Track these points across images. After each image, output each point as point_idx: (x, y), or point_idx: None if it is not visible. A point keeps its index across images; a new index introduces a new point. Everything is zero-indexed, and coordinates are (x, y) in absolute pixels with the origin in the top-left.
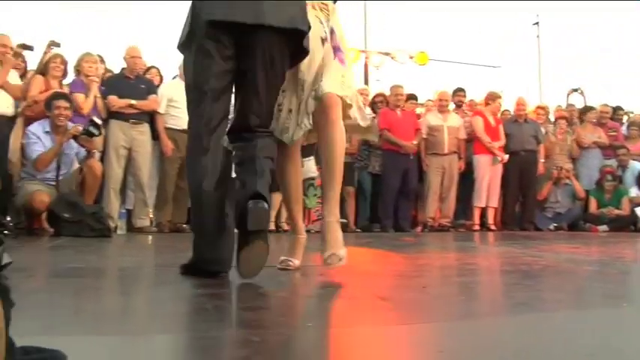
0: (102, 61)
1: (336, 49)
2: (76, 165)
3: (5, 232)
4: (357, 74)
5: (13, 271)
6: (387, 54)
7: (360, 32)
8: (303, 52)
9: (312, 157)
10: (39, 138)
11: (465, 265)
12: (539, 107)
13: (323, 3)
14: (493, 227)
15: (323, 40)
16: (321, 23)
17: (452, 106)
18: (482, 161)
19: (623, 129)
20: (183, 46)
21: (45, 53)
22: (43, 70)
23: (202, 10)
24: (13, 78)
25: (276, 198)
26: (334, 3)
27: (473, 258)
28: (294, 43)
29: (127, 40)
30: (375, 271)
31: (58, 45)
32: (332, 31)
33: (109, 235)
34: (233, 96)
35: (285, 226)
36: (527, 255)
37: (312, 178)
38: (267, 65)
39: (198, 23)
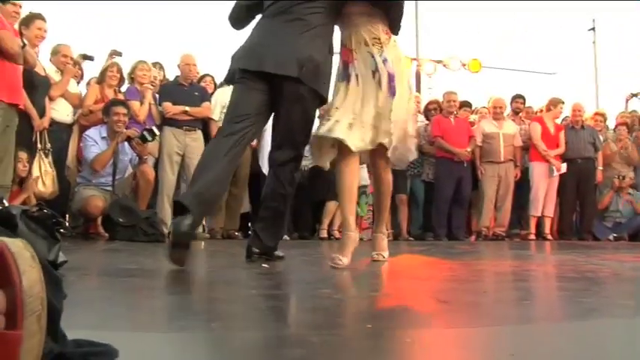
0: (161, 67)
1: (390, 77)
2: (130, 171)
3: (62, 230)
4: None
5: (67, 269)
6: (439, 62)
7: (412, 40)
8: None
9: (364, 165)
10: (95, 142)
11: (524, 271)
12: (597, 114)
13: (374, 38)
14: (549, 237)
15: (373, 73)
16: (372, 57)
17: (508, 112)
18: (538, 169)
19: None
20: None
21: (107, 62)
22: (100, 78)
23: (234, 58)
24: (72, 86)
25: (331, 206)
26: (391, 37)
27: (531, 265)
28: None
29: (183, 48)
30: (431, 275)
31: (119, 54)
32: (385, 60)
33: (163, 240)
34: None
35: (337, 234)
36: (589, 263)
37: (365, 186)
38: (286, 104)
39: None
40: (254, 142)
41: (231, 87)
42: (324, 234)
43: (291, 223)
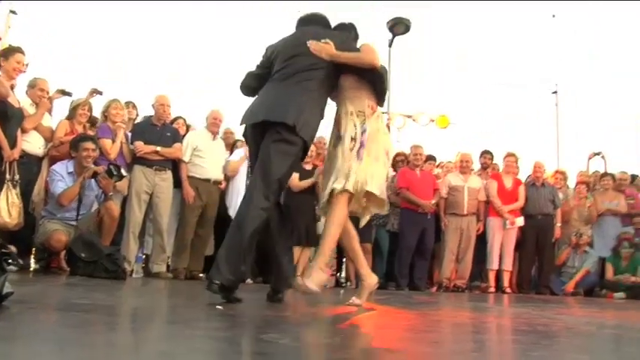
0: (134, 107)
1: (361, 144)
2: (96, 206)
3: (10, 261)
4: None
5: (14, 301)
6: (408, 116)
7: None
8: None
9: None
10: (62, 177)
11: (479, 323)
12: (557, 172)
13: (359, 111)
14: (508, 290)
15: (352, 139)
16: (355, 126)
17: (478, 167)
18: (494, 223)
19: None
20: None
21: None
22: (71, 115)
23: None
24: (46, 120)
25: (295, 251)
26: (375, 111)
27: (487, 317)
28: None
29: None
30: (387, 324)
31: (100, 93)
32: (364, 131)
33: (123, 277)
34: None
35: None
36: (543, 316)
37: None
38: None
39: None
40: (222, 185)
41: (202, 130)
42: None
43: (256, 267)
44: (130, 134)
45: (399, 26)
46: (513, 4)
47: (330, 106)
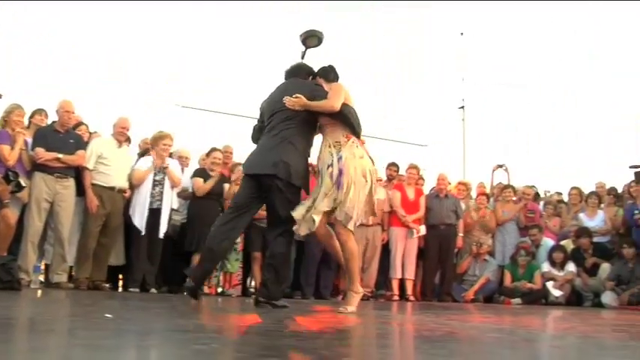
0: (46, 115)
1: (339, 172)
2: None
3: None
4: None
5: None
6: None
7: None
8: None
9: None
10: None
11: (372, 330)
12: (460, 183)
13: (336, 141)
14: (412, 298)
15: (328, 166)
16: (331, 155)
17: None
18: (396, 233)
19: (541, 205)
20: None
21: None
22: None
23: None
24: None
25: (197, 259)
26: (350, 139)
27: (376, 323)
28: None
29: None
30: (273, 330)
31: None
32: (340, 158)
33: (18, 288)
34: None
35: (206, 289)
36: (434, 322)
37: (235, 243)
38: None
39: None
40: (127, 193)
41: (108, 137)
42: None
43: (160, 277)
44: (30, 140)
45: (311, 39)
46: (423, 21)
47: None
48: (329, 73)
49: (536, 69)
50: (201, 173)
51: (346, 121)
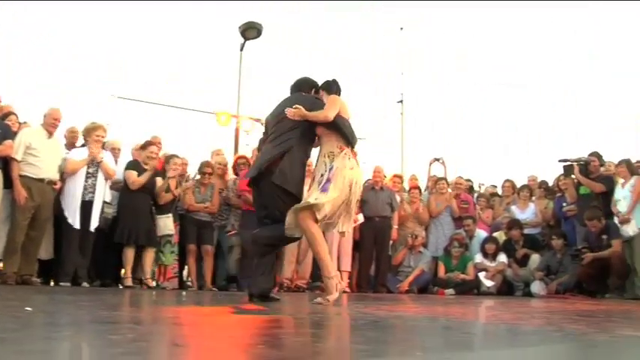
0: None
1: (328, 180)
2: None
3: None
4: (228, 137)
5: None
6: (257, 120)
7: (234, 97)
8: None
9: (170, 215)
10: None
11: (294, 320)
12: (395, 176)
13: (330, 152)
14: (347, 289)
15: (321, 175)
16: (324, 164)
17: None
18: None
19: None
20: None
21: None
22: None
23: None
24: None
25: (128, 253)
26: (343, 150)
27: (310, 314)
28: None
29: None
30: (196, 322)
31: None
32: (331, 168)
33: None
34: None
35: (150, 282)
36: (360, 312)
37: (170, 235)
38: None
39: None
40: (57, 185)
41: (38, 128)
42: (128, 282)
43: (93, 270)
44: None
45: (250, 31)
46: (363, 16)
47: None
48: (331, 87)
49: (475, 63)
50: (134, 166)
51: (340, 132)
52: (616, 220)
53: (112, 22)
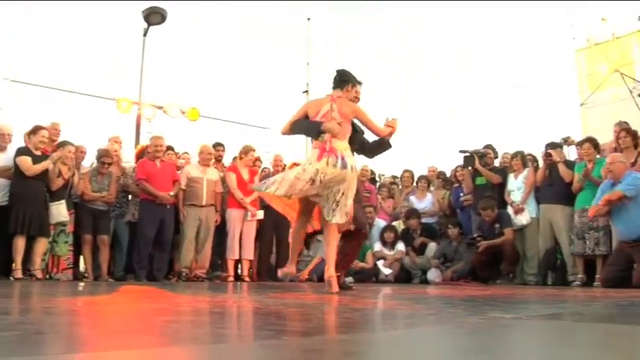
0: None
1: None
2: None
3: None
4: (129, 126)
5: None
6: (159, 107)
7: (136, 83)
8: None
9: (63, 201)
10: None
11: (168, 308)
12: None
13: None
14: (247, 279)
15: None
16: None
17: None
18: (234, 215)
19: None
20: None
21: None
22: None
23: None
24: None
25: (19, 243)
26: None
27: (183, 302)
28: None
29: None
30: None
31: None
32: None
33: None
34: None
35: (39, 274)
36: (241, 300)
37: (64, 224)
38: None
39: None
40: None
41: None
42: (18, 274)
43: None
44: None
45: (154, 16)
46: (270, 5)
47: None
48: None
49: (380, 57)
50: (25, 152)
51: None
52: (510, 209)
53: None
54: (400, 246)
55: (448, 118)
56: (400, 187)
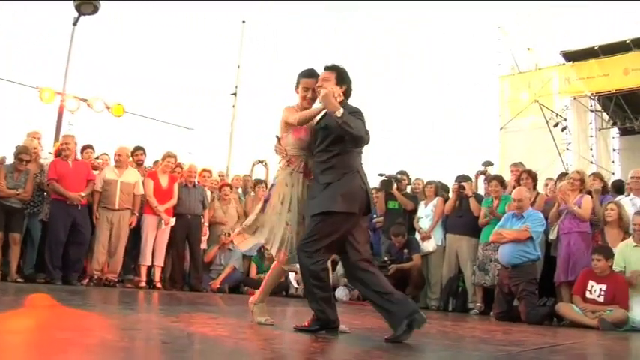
0: None
1: (266, 199)
2: None
3: None
4: (52, 117)
5: None
6: (84, 100)
7: (61, 73)
8: None
9: None
10: None
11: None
12: (204, 170)
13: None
14: (159, 285)
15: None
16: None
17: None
18: (149, 221)
19: None
20: None
21: None
22: None
23: None
24: None
25: None
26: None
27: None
28: None
29: None
30: None
31: None
32: (272, 186)
33: None
34: None
35: None
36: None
37: None
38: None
39: None
40: None
41: None
42: None
43: None
44: None
45: (86, 6)
46: (203, 9)
47: None
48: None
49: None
50: None
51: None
52: (417, 235)
53: None
54: None
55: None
56: None
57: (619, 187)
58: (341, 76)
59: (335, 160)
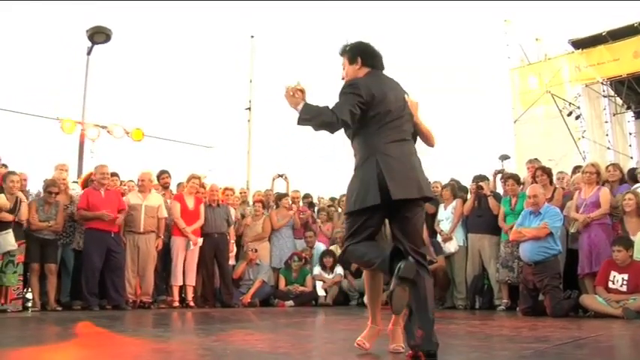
0: None
1: None
2: None
3: None
4: (73, 146)
5: None
6: (104, 127)
7: (79, 103)
8: None
9: (9, 230)
10: None
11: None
12: (226, 189)
13: None
14: (192, 304)
15: None
16: None
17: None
18: (178, 242)
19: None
20: None
21: None
22: None
23: None
24: None
25: None
26: None
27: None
28: None
29: None
30: None
31: None
32: None
33: None
34: None
35: None
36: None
37: (12, 254)
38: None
39: None
40: None
41: None
42: None
43: None
44: None
45: (98, 35)
46: (213, 23)
47: None
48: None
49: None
50: None
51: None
52: (439, 237)
53: None
54: (339, 270)
55: None
56: (339, 210)
57: (633, 175)
58: (348, 54)
59: (355, 141)
